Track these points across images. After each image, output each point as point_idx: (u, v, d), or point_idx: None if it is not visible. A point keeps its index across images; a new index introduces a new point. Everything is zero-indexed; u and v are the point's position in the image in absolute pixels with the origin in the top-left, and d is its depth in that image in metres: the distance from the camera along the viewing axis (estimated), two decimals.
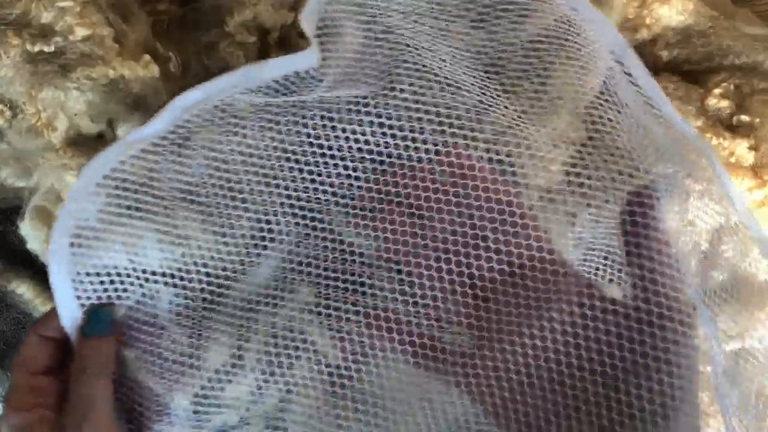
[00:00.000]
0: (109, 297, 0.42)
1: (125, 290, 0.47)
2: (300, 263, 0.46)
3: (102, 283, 0.43)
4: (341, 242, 0.45)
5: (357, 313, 0.47)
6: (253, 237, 0.45)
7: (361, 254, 0.45)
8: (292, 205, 0.44)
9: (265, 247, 0.48)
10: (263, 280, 0.49)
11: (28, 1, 0.42)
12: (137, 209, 0.46)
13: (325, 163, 0.41)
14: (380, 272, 0.44)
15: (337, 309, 0.47)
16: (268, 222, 0.44)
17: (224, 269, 0.50)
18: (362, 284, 0.45)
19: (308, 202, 0.44)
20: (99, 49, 0.44)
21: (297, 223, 0.45)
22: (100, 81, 0.44)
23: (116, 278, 0.44)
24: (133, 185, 0.45)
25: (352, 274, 0.45)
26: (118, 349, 0.39)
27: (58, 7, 0.42)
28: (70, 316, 0.38)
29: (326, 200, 0.43)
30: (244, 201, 0.43)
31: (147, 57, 0.45)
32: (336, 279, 0.45)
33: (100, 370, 0.37)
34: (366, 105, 0.38)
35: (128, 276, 0.47)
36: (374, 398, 0.44)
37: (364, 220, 0.39)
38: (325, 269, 0.46)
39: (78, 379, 0.36)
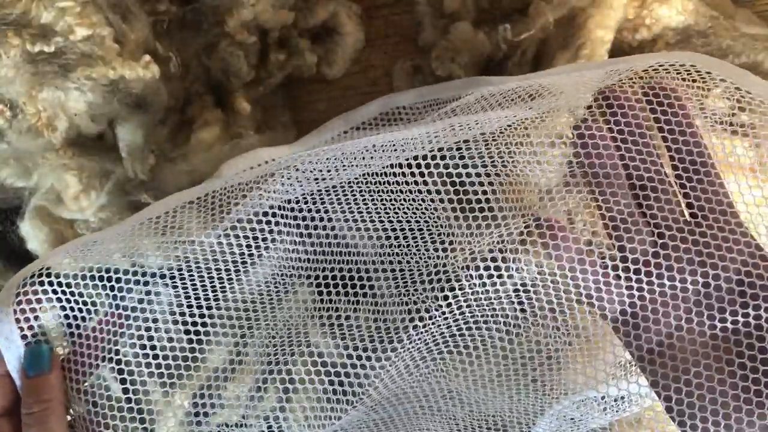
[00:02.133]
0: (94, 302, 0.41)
1: (125, 290, 0.47)
2: (300, 263, 0.46)
3: (96, 286, 0.43)
4: (342, 242, 0.45)
5: (356, 311, 0.47)
6: (255, 237, 0.45)
7: (359, 254, 0.45)
8: (293, 209, 0.44)
9: (267, 248, 0.48)
10: (263, 279, 0.49)
11: (28, 1, 0.42)
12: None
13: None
14: (381, 272, 0.44)
15: (336, 309, 0.47)
16: (268, 222, 0.44)
17: (225, 269, 0.50)
18: (362, 284, 0.45)
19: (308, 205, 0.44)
20: (99, 50, 0.44)
21: (298, 224, 0.45)
22: (101, 81, 0.44)
23: (116, 280, 0.44)
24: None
25: (357, 273, 0.45)
26: (63, 382, 0.38)
27: (58, 8, 0.42)
28: (16, 355, 0.37)
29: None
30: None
31: (147, 57, 0.44)
32: (336, 279, 0.46)
33: (49, 406, 0.36)
34: None
35: (128, 276, 0.47)
36: (373, 397, 0.44)
37: None
38: (325, 269, 0.46)
39: (29, 419, 0.35)
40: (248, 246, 0.45)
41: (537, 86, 0.40)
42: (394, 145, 0.38)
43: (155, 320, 0.49)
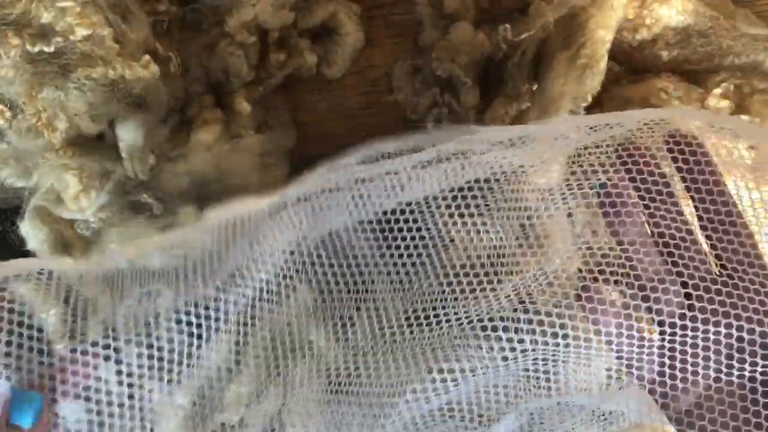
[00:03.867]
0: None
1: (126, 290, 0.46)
2: (300, 263, 0.47)
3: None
4: (342, 244, 0.45)
5: (358, 310, 0.47)
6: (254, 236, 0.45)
7: (362, 256, 0.45)
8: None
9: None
10: (264, 279, 0.49)
11: (29, 1, 0.42)
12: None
13: None
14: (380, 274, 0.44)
15: (336, 309, 0.47)
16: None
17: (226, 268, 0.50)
18: (362, 284, 0.45)
19: None
20: (99, 50, 0.44)
21: (300, 223, 0.45)
22: (101, 81, 0.44)
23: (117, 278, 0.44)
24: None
25: (352, 275, 0.45)
26: None
27: (58, 7, 0.42)
28: None
29: None
30: None
31: (147, 57, 0.44)
32: (336, 279, 0.46)
33: None
34: None
35: (129, 275, 0.47)
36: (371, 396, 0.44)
37: None
38: (326, 271, 0.46)
39: None
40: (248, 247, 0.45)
41: (531, 132, 0.39)
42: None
43: (155, 320, 0.49)
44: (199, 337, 0.48)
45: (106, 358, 0.47)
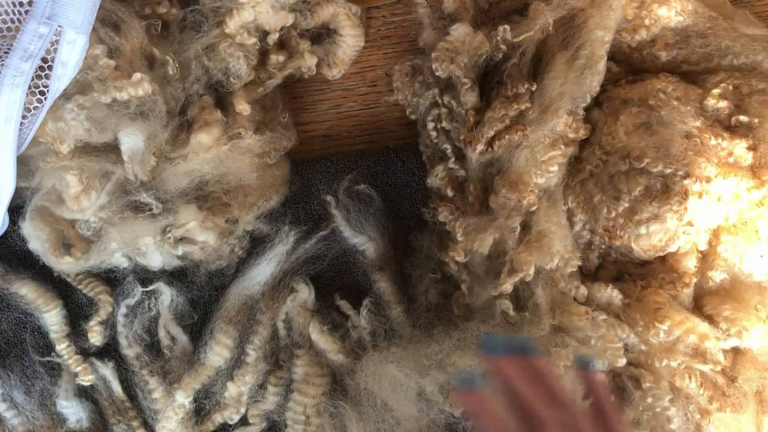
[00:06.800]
0: None
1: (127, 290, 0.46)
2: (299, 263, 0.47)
3: None
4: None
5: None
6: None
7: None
8: None
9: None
10: (264, 279, 0.49)
11: None
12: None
13: None
14: None
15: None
16: None
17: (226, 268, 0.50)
18: None
19: None
20: (93, 71, 0.43)
21: None
22: (97, 104, 0.44)
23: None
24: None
25: None
26: None
27: None
28: None
29: None
30: None
31: (138, 76, 0.43)
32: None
33: None
34: None
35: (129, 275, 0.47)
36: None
37: None
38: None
39: None
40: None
41: None
42: None
43: (156, 320, 0.49)
44: (200, 335, 0.48)
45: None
